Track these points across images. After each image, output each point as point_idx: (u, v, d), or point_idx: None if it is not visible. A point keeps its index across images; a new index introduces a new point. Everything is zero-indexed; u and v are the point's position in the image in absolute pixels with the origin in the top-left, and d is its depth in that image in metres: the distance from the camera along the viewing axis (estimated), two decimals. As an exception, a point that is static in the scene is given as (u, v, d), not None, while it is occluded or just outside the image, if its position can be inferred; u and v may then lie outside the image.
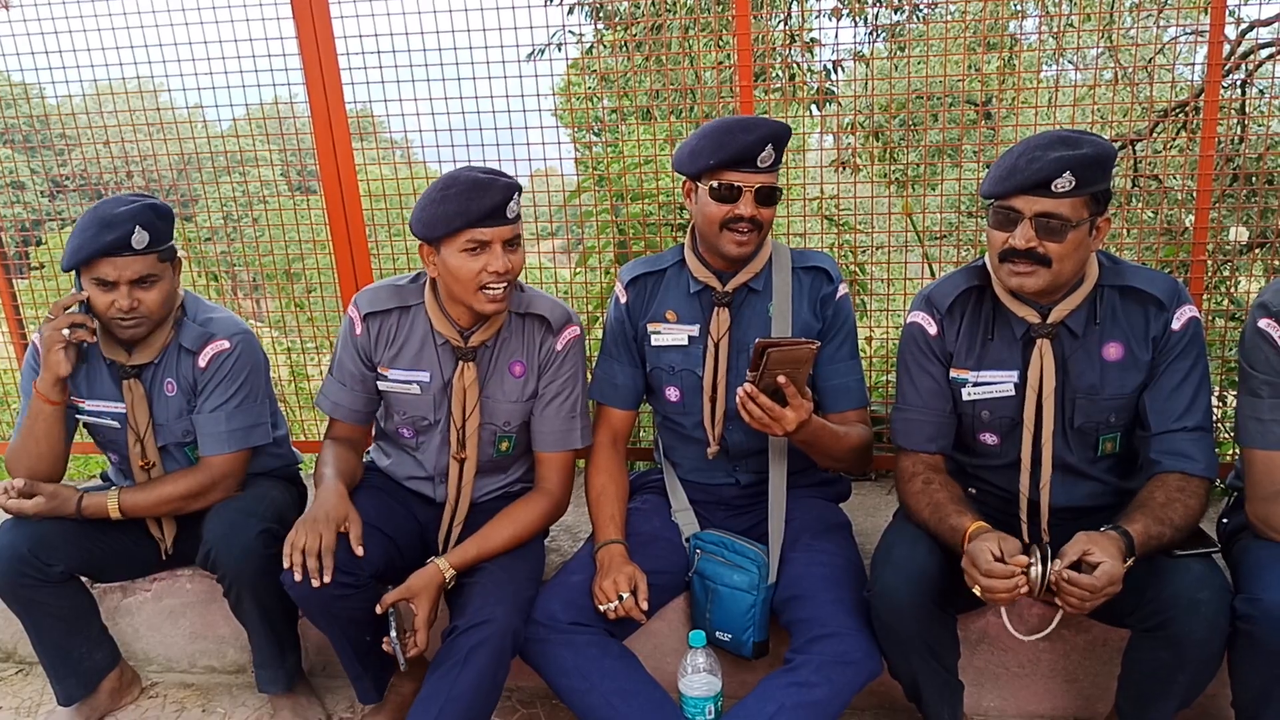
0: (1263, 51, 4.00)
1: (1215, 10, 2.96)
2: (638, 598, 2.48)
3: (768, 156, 2.46)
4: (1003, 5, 3.91)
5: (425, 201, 2.42)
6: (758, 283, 2.64)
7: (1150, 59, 4.02)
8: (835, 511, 2.83)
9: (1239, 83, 4.04)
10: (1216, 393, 3.33)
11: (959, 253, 3.68)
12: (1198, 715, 2.52)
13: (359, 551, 2.45)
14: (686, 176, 2.58)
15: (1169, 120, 3.84)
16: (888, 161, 4.56)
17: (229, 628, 3.05)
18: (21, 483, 2.66)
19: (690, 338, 2.70)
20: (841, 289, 2.67)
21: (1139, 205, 3.50)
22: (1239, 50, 3.90)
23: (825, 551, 2.59)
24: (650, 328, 2.75)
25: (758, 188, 2.48)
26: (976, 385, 2.43)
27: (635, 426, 3.34)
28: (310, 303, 4.14)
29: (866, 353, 3.54)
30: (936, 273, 3.54)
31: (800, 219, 3.51)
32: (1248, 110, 4.02)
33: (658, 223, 3.72)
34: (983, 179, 2.27)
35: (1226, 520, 2.45)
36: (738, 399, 2.30)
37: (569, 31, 3.94)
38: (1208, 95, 3.04)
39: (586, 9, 4.22)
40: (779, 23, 4.61)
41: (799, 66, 4.11)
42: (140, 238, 2.54)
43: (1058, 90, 3.32)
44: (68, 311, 2.64)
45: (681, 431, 2.80)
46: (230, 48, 3.53)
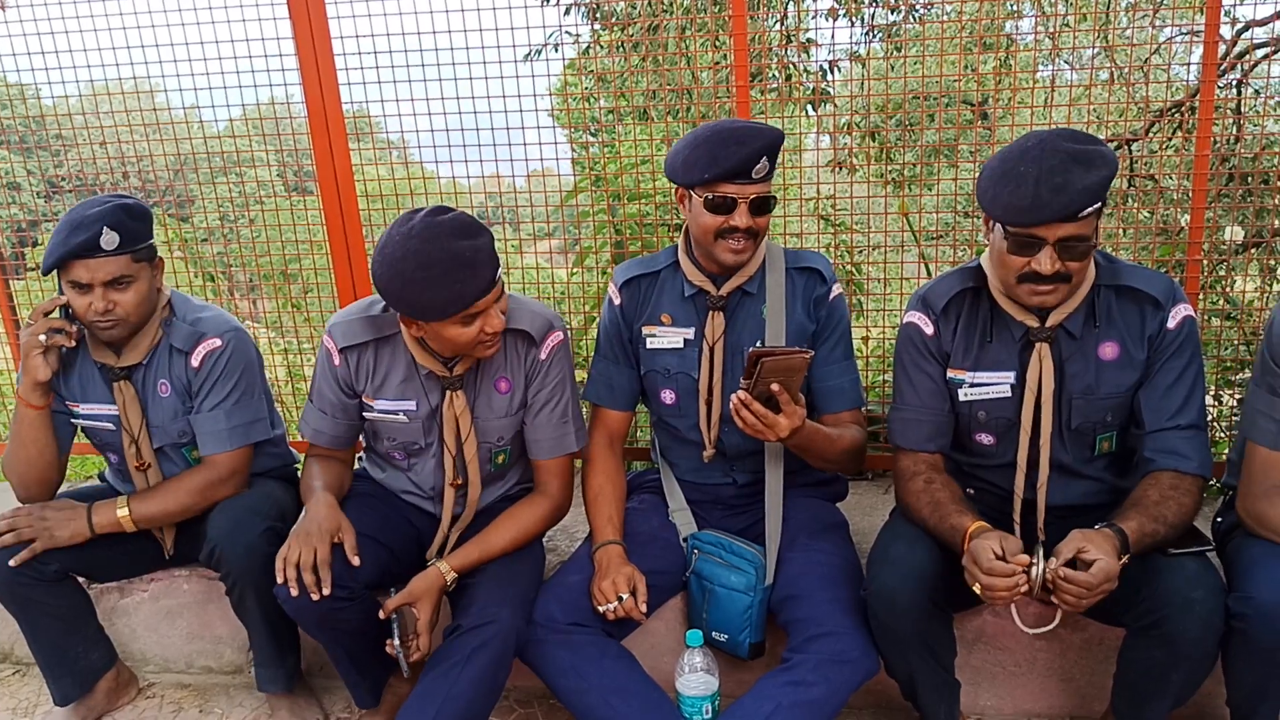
0: (1258, 51, 4.00)
1: (1210, 10, 2.97)
2: (637, 599, 2.48)
3: (763, 168, 2.44)
4: (999, 5, 3.91)
5: (404, 283, 2.27)
6: (752, 285, 2.64)
7: (1146, 59, 4.03)
8: (832, 511, 2.84)
9: (1234, 83, 4.05)
10: (1211, 392, 3.33)
11: (955, 252, 3.68)
12: (1193, 713, 2.53)
13: (355, 561, 2.45)
14: (679, 186, 2.58)
15: (1165, 120, 3.85)
16: (884, 162, 4.56)
17: (226, 628, 3.05)
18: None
19: (686, 340, 2.70)
20: (835, 289, 2.67)
21: (1135, 205, 3.50)
22: (1234, 50, 3.91)
23: (822, 551, 2.59)
24: (645, 330, 2.74)
25: (753, 199, 2.47)
26: (973, 386, 2.43)
27: (632, 426, 3.34)
28: (307, 303, 4.14)
29: (863, 353, 3.54)
30: (933, 272, 3.55)
31: (796, 219, 3.52)
32: (1243, 110, 4.02)
33: (654, 223, 3.72)
34: (979, 189, 2.23)
35: (1221, 519, 2.45)
36: (731, 406, 2.30)
37: (566, 32, 3.95)
38: (1203, 95, 3.04)
39: (583, 9, 4.23)
40: (775, 23, 4.61)
41: (795, 67, 4.11)
42: (110, 238, 2.51)
43: (1054, 90, 3.32)
44: (47, 316, 2.63)
45: (677, 433, 2.80)
46: (226, 48, 3.53)
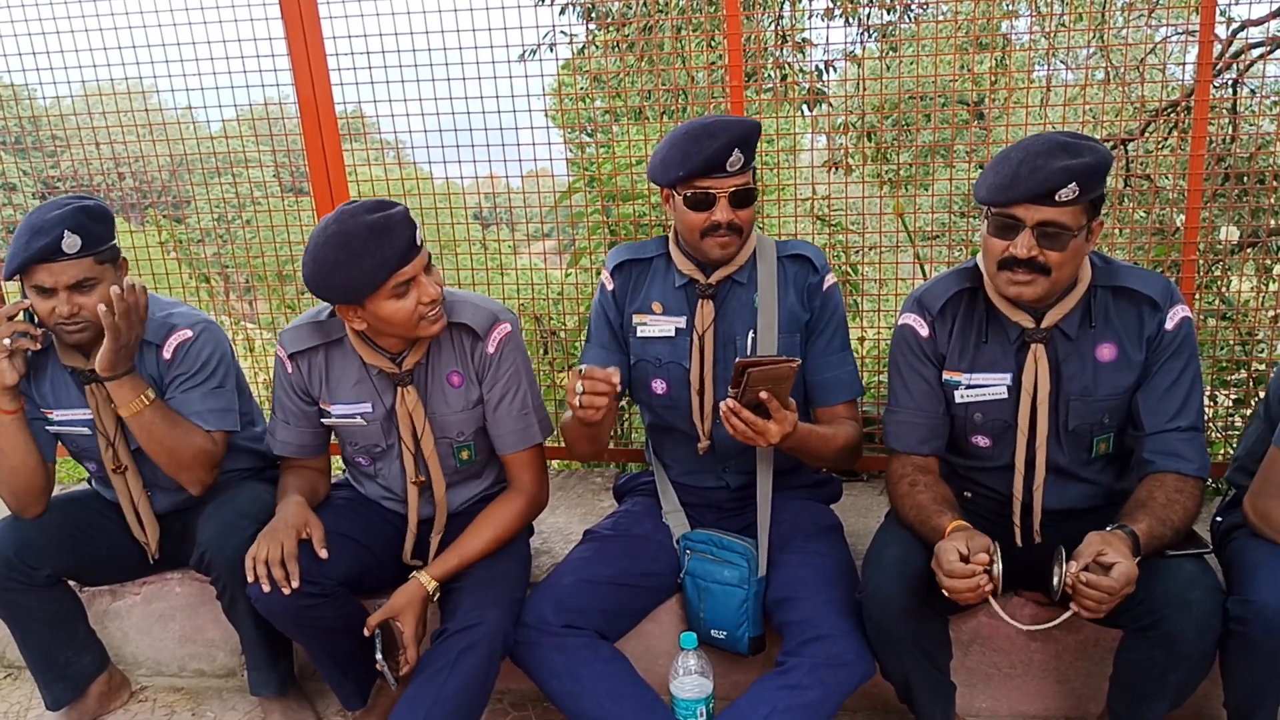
0: (1253, 51, 4.00)
1: (1206, 10, 2.96)
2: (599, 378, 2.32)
3: (736, 160, 2.43)
4: (995, 5, 3.91)
5: (328, 268, 2.31)
6: (742, 275, 2.63)
7: (1142, 59, 4.02)
8: (827, 513, 2.83)
9: (1230, 82, 4.05)
10: (1207, 392, 3.32)
11: (951, 253, 3.68)
12: (1190, 715, 2.53)
13: (322, 554, 2.45)
14: (662, 187, 2.58)
15: (1161, 120, 3.85)
16: (880, 162, 4.56)
17: (218, 631, 3.04)
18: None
19: (677, 329, 2.69)
20: (829, 279, 2.66)
21: (1131, 205, 3.50)
22: (1230, 50, 3.90)
23: (817, 553, 2.59)
24: (637, 318, 2.73)
25: (731, 192, 2.46)
26: (969, 388, 2.42)
27: (628, 428, 3.34)
28: (302, 304, 4.13)
29: (859, 353, 3.53)
30: (929, 273, 3.54)
31: (793, 219, 3.51)
32: (1239, 110, 4.02)
33: (649, 223, 3.72)
34: (976, 182, 2.25)
35: (1221, 519, 2.45)
36: (721, 414, 2.28)
37: (561, 32, 3.94)
38: (1199, 95, 3.04)
39: (578, 9, 4.21)
40: (771, 23, 4.61)
41: (791, 67, 4.10)
42: (71, 242, 2.47)
43: (1050, 90, 3.32)
44: (10, 320, 2.58)
45: (671, 427, 2.79)
46: (220, 48, 3.52)
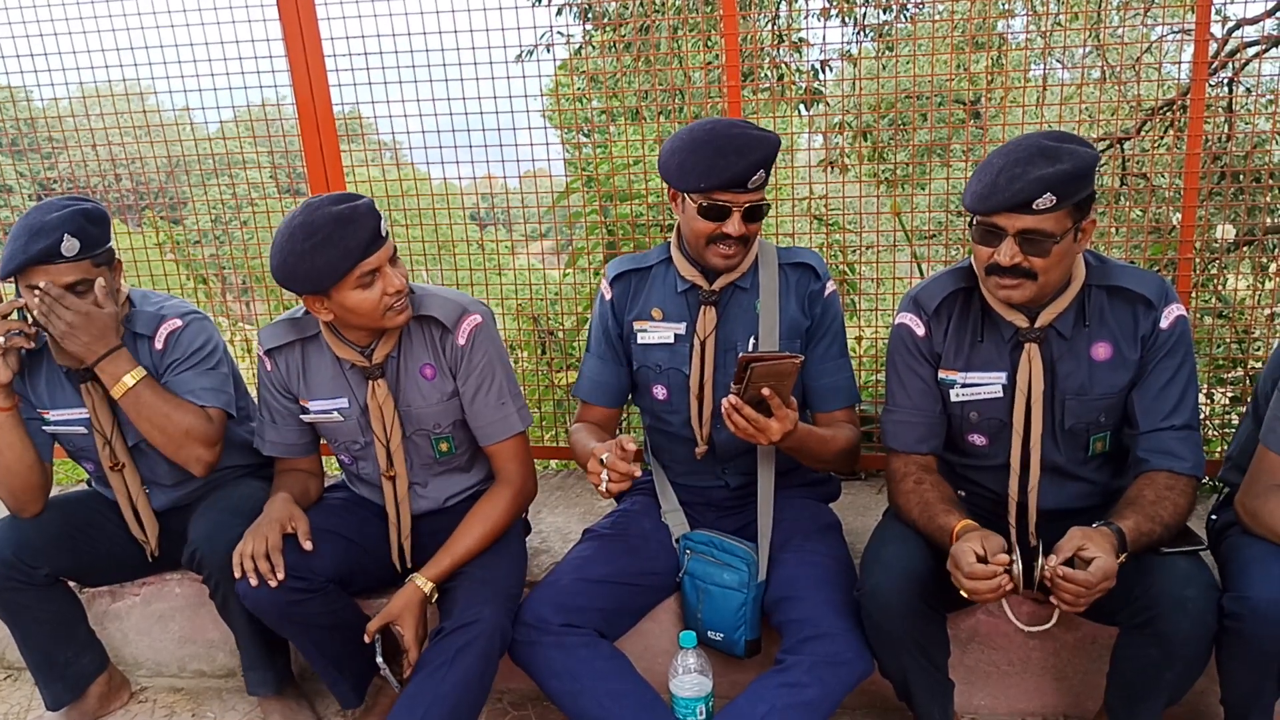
0: (1249, 50, 4.00)
1: (1201, 9, 2.97)
2: (624, 454, 2.33)
3: (759, 179, 2.43)
4: (990, 4, 3.91)
5: (293, 258, 2.33)
6: (744, 281, 2.64)
7: (1138, 58, 4.03)
8: (825, 512, 2.84)
9: (1226, 81, 4.05)
10: (1203, 390, 3.33)
11: (948, 251, 3.68)
12: (1186, 712, 2.53)
13: (307, 546, 2.47)
14: (673, 188, 2.57)
15: (1157, 119, 3.85)
16: (876, 161, 4.56)
17: (218, 632, 3.04)
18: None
19: (677, 336, 2.69)
20: (829, 287, 2.67)
21: (1127, 204, 3.51)
22: (1225, 49, 3.91)
23: (816, 552, 2.59)
24: (636, 325, 2.74)
25: (746, 207, 2.47)
26: (965, 386, 2.43)
27: (627, 427, 3.34)
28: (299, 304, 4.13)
29: (856, 352, 3.54)
30: (925, 272, 3.55)
31: (789, 219, 3.51)
32: (1234, 108, 4.03)
33: (647, 223, 3.72)
34: (966, 184, 2.27)
35: (1216, 517, 2.45)
36: (723, 410, 2.29)
37: (558, 32, 3.94)
38: (1194, 94, 3.05)
39: (575, 10, 4.22)
40: (767, 23, 4.62)
41: (787, 67, 4.11)
42: (70, 245, 2.48)
43: (1046, 89, 3.32)
44: (4, 319, 2.57)
45: (670, 431, 2.80)
46: (217, 50, 3.52)
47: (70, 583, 2.91)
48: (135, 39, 3.56)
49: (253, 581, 2.40)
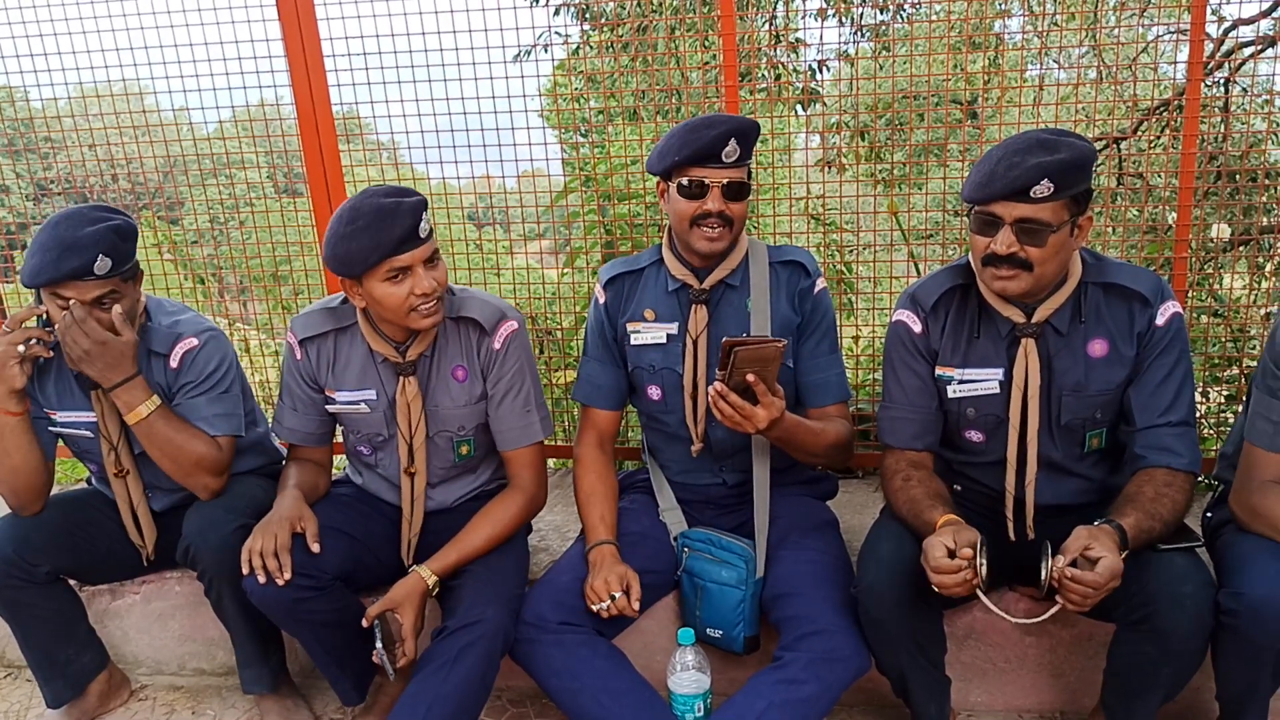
0: (1245, 50, 4.02)
1: (1197, 9, 2.98)
2: (630, 598, 2.49)
3: (732, 151, 2.46)
4: (987, 4, 3.92)
5: (335, 238, 2.39)
6: (735, 279, 2.65)
7: (1134, 58, 4.04)
8: (823, 509, 2.85)
9: (1221, 81, 4.07)
10: (1199, 388, 3.34)
11: (944, 251, 3.69)
12: (1182, 708, 2.54)
13: (315, 548, 2.48)
14: (658, 177, 2.60)
15: (1153, 119, 3.86)
16: (873, 161, 4.57)
17: (217, 630, 3.03)
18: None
19: (669, 335, 2.71)
20: (819, 283, 2.68)
21: (1123, 203, 3.52)
22: (1221, 49, 3.92)
23: (813, 549, 2.61)
24: (630, 327, 2.75)
25: (725, 183, 2.49)
26: (961, 383, 2.44)
27: (623, 426, 3.35)
28: (298, 305, 4.14)
29: (853, 351, 3.55)
30: (922, 271, 3.55)
31: (787, 218, 3.52)
32: (1230, 108, 4.04)
33: (644, 223, 3.73)
34: (964, 180, 2.28)
35: (1211, 514, 2.46)
36: (709, 397, 2.31)
37: (555, 33, 3.95)
38: (1190, 93, 3.06)
39: (572, 10, 4.23)
40: (764, 23, 4.63)
41: (784, 67, 4.12)
42: (103, 264, 2.48)
43: (1042, 89, 3.33)
44: (24, 326, 2.58)
45: (665, 430, 2.81)
46: (216, 50, 3.52)
47: (70, 581, 2.91)
48: (133, 39, 3.56)
49: (260, 579, 2.41)
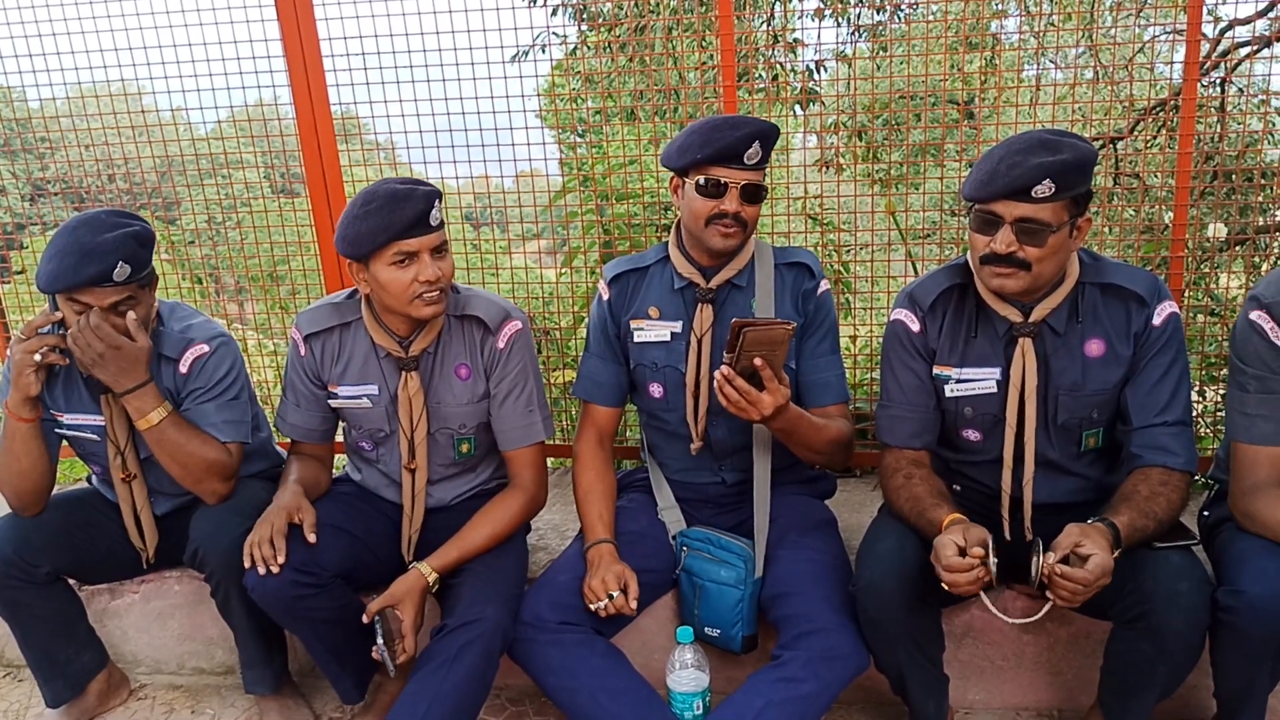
0: (1241, 50, 4.03)
1: (1193, 9, 2.99)
2: (627, 596, 2.50)
3: (754, 154, 2.47)
4: (984, 5, 3.93)
5: (347, 219, 2.42)
6: (741, 279, 2.66)
7: (1130, 58, 4.05)
8: (821, 508, 2.85)
9: (1218, 81, 4.08)
10: (1196, 388, 3.35)
11: (942, 251, 3.70)
12: (1179, 706, 2.55)
13: (311, 538, 2.49)
14: (674, 172, 2.60)
15: (1149, 118, 3.88)
16: (871, 161, 4.58)
17: (217, 629, 3.05)
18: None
19: (673, 334, 2.71)
20: (823, 285, 2.69)
21: (1120, 203, 3.53)
22: (1217, 49, 3.94)
23: (811, 548, 2.61)
24: (633, 324, 2.76)
25: (743, 185, 2.49)
26: (959, 382, 2.45)
27: (622, 425, 3.36)
28: (296, 304, 4.14)
29: (851, 351, 3.56)
30: (920, 271, 3.56)
31: (785, 218, 3.53)
32: (1227, 108, 4.05)
33: (642, 223, 3.73)
34: (964, 179, 2.29)
35: (1208, 513, 2.47)
36: (715, 381, 2.32)
37: (552, 33, 3.95)
38: (1187, 93, 3.06)
39: (570, 10, 4.23)
40: (762, 23, 4.64)
41: (782, 67, 4.13)
42: (122, 271, 2.48)
43: (1039, 89, 3.34)
44: (40, 332, 2.58)
45: (665, 428, 2.82)
46: (213, 49, 3.52)
47: (70, 581, 2.91)
48: (130, 40, 3.56)
49: (260, 570, 2.41)
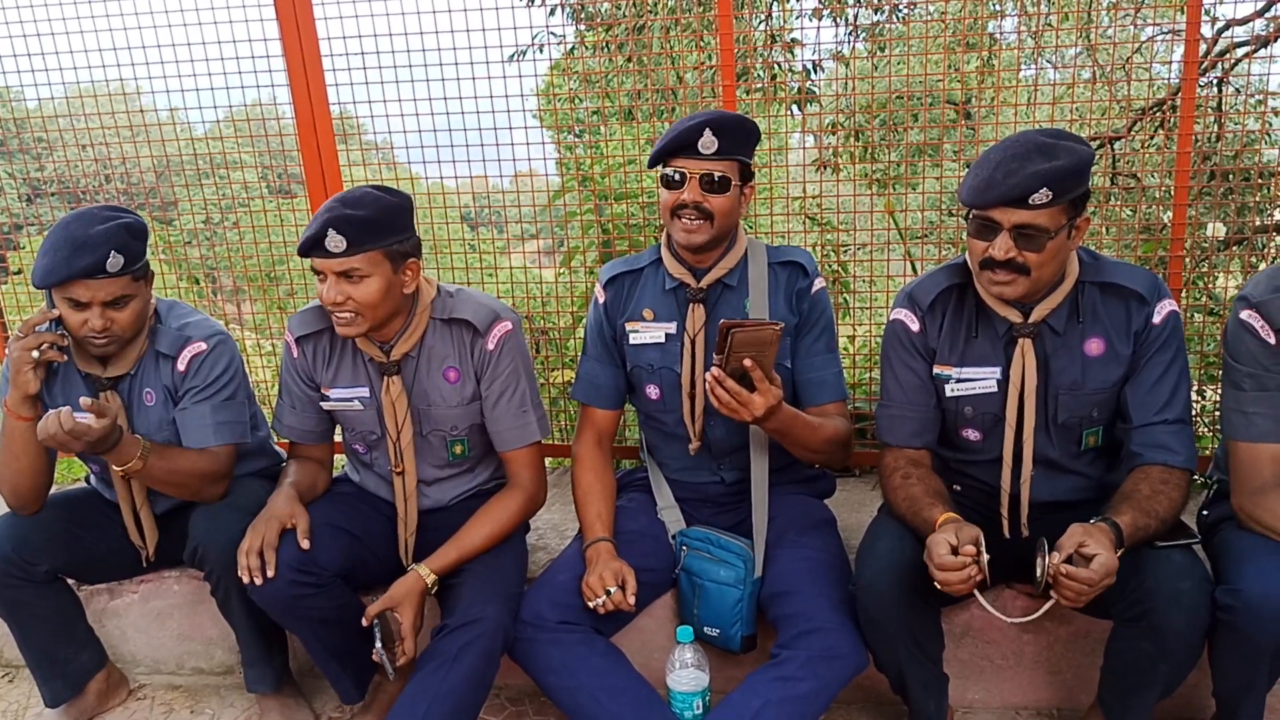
0: (1239, 50, 4.03)
1: (1191, 9, 2.99)
2: (625, 592, 2.50)
3: (709, 143, 2.48)
4: (981, 5, 3.94)
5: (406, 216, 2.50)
6: (732, 278, 2.66)
7: (1128, 58, 4.06)
8: (820, 508, 2.86)
9: (1215, 81, 4.08)
10: (1195, 387, 3.36)
11: (940, 251, 3.70)
12: (1178, 705, 2.55)
13: (304, 545, 2.49)
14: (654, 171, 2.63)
15: (1147, 119, 3.88)
16: (868, 161, 4.58)
17: (216, 629, 3.05)
18: (90, 402, 2.43)
19: (667, 335, 2.72)
20: (818, 283, 2.69)
21: (1117, 204, 3.53)
22: (1215, 49, 3.94)
23: (811, 547, 2.61)
24: (628, 326, 2.76)
25: (701, 175, 2.50)
26: (959, 382, 2.45)
27: (621, 425, 3.36)
28: (294, 305, 4.13)
29: (849, 351, 3.56)
30: (918, 271, 3.56)
31: (783, 218, 3.53)
32: (1224, 108, 4.06)
33: (640, 223, 3.74)
34: (961, 181, 2.29)
35: (1207, 512, 2.47)
36: (706, 383, 2.32)
37: (550, 33, 3.95)
38: (1184, 93, 3.07)
39: (568, 10, 4.23)
40: (760, 23, 4.63)
41: (780, 67, 4.13)
42: (115, 262, 2.49)
43: (1036, 89, 3.34)
44: (38, 330, 2.58)
45: (664, 429, 2.82)
46: (211, 49, 3.52)
47: (69, 580, 2.91)
48: (127, 39, 3.55)
49: (245, 579, 2.43)
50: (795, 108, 4.29)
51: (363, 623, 2.50)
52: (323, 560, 2.52)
